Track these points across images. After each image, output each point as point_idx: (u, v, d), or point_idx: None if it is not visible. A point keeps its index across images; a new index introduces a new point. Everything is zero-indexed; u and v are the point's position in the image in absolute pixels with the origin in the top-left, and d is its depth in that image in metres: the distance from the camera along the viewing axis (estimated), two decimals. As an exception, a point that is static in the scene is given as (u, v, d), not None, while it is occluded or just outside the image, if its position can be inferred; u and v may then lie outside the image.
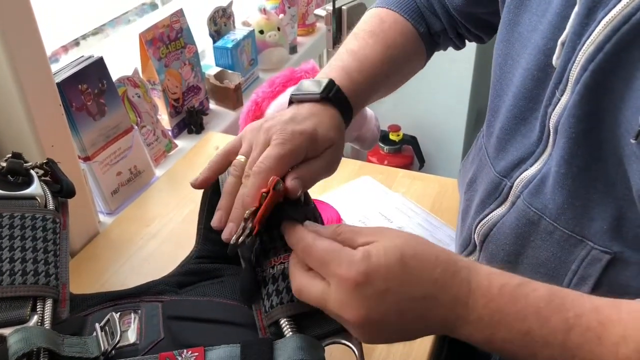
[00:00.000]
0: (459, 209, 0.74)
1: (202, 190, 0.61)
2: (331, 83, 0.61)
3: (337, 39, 1.45)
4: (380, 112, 1.35)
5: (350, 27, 1.46)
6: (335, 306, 0.43)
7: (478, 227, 0.62)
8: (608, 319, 0.41)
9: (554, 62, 0.51)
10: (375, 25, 0.70)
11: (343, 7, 1.40)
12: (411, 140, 2.17)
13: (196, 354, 0.45)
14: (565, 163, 0.50)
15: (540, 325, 0.42)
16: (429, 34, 0.73)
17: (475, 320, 0.43)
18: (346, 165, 1.10)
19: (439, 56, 0.75)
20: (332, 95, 0.60)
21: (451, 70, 1.95)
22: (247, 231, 0.49)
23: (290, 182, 0.52)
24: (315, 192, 0.96)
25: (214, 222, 0.53)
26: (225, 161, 0.58)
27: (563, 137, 0.50)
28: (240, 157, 0.56)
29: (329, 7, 1.41)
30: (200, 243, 0.60)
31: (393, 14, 0.72)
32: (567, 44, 0.49)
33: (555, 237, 0.54)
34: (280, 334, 0.47)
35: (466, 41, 0.77)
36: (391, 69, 0.69)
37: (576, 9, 0.48)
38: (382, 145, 2.16)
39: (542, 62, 0.53)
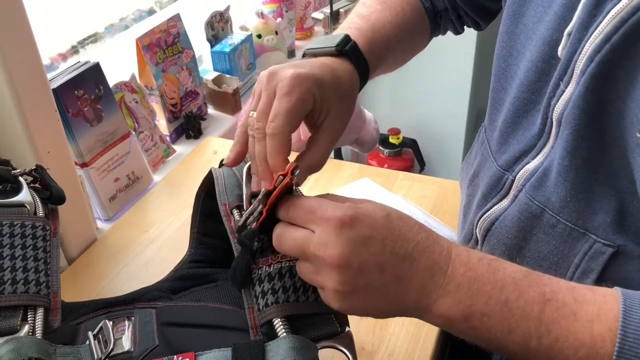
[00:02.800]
0: (461, 205, 0.73)
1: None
2: (347, 37, 0.60)
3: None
4: (380, 115, 1.34)
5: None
6: (315, 247, 0.43)
7: (480, 221, 0.62)
8: (583, 297, 0.42)
9: (559, 53, 0.50)
10: None
11: (341, 10, 1.40)
12: (411, 143, 2.16)
13: (187, 359, 0.44)
14: (568, 155, 0.50)
15: (517, 296, 0.42)
16: (433, 11, 0.73)
17: (454, 290, 0.43)
18: (345, 167, 1.09)
19: (438, 58, 0.75)
20: (348, 48, 0.59)
21: (450, 72, 1.95)
22: (256, 213, 0.48)
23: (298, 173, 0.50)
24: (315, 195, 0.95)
25: (254, 187, 0.53)
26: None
27: (567, 129, 0.50)
28: (252, 114, 0.53)
29: (327, 10, 1.41)
30: (194, 247, 0.59)
31: None
32: (573, 34, 0.48)
33: (558, 231, 0.53)
34: (272, 335, 0.45)
35: (465, 27, 0.77)
36: (401, 34, 0.68)
37: None
38: (382, 149, 2.15)
39: (546, 53, 0.53)
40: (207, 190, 0.58)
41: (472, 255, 0.44)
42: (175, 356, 0.44)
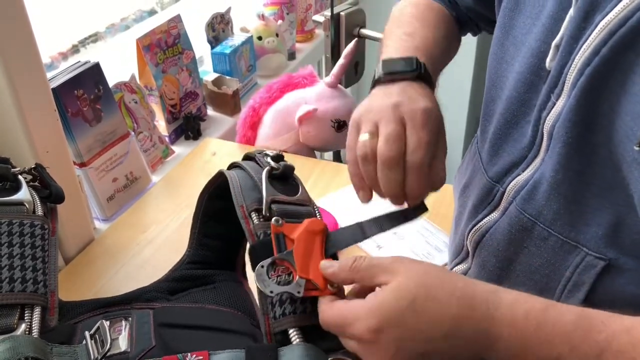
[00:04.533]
0: (453, 215, 0.73)
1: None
2: (418, 60, 0.60)
3: (335, 45, 1.45)
4: (379, 118, 1.35)
5: (349, 33, 1.46)
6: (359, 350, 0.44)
7: (470, 233, 0.62)
8: None
9: (547, 65, 0.50)
10: (415, 11, 0.70)
11: (342, 13, 1.40)
12: (410, 147, 2.16)
13: (200, 357, 0.44)
14: (561, 168, 0.50)
15: (570, 350, 0.41)
16: (458, 20, 0.73)
17: (503, 348, 0.42)
18: (344, 171, 1.09)
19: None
20: (424, 72, 0.59)
21: (450, 77, 1.94)
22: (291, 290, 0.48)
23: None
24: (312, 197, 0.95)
25: (364, 199, 0.56)
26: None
27: (559, 142, 0.49)
28: (365, 135, 0.54)
29: (328, 13, 1.41)
30: (194, 248, 0.59)
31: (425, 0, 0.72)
32: (562, 47, 0.48)
33: (550, 243, 0.53)
34: (285, 342, 0.46)
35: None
36: (443, 49, 0.69)
37: (571, 12, 0.47)
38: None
39: (535, 65, 0.53)
40: (211, 192, 0.58)
41: (517, 313, 0.43)
42: (189, 354, 0.45)
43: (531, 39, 0.53)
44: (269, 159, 0.56)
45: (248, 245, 0.50)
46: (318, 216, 0.54)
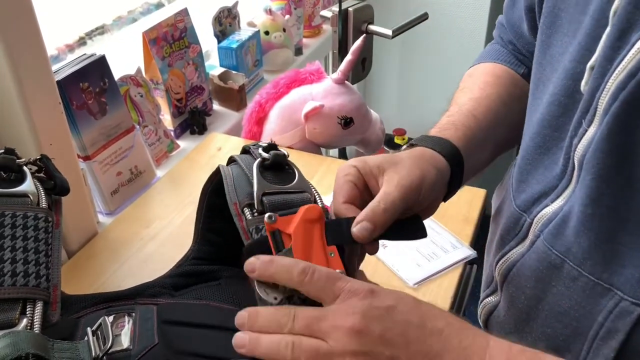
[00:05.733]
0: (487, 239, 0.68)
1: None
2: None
3: (343, 41, 1.44)
4: (386, 116, 1.33)
5: (357, 28, 1.45)
6: (334, 317, 0.41)
7: (498, 264, 0.58)
8: None
9: (582, 88, 0.46)
10: (473, 93, 0.67)
11: (350, 9, 1.39)
12: (416, 145, 2.16)
13: None
14: (592, 202, 0.45)
15: None
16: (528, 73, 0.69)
17: None
18: (350, 168, 1.08)
19: (446, 60, 0.74)
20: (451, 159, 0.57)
21: (458, 74, 1.94)
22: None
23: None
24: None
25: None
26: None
27: (589, 173, 0.45)
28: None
29: (335, 8, 1.40)
30: (198, 243, 0.58)
31: (498, 67, 0.69)
32: (596, 69, 0.44)
33: (580, 284, 0.48)
34: None
35: None
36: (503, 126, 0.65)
37: (607, 30, 0.43)
38: (387, 149, 2.14)
39: (569, 87, 0.49)
40: (213, 186, 0.57)
41: (513, 346, 0.41)
42: None
43: (566, 59, 0.49)
44: (260, 150, 0.54)
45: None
46: (318, 201, 0.52)
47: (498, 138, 0.64)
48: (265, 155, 0.54)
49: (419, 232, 0.51)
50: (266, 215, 0.46)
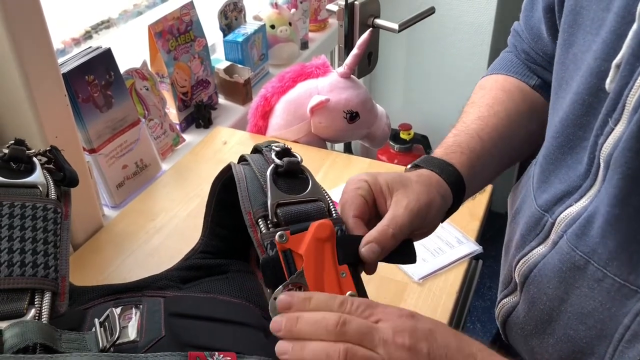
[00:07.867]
0: (504, 240, 0.67)
1: (209, 185, 0.59)
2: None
3: (349, 35, 1.43)
4: (392, 111, 1.33)
5: (363, 22, 1.44)
6: (384, 333, 0.42)
7: (518, 265, 0.57)
8: None
9: (607, 87, 0.45)
10: (483, 108, 0.68)
11: (356, 3, 1.38)
12: (422, 140, 2.15)
13: (228, 358, 0.44)
14: (619, 203, 0.44)
15: None
16: (542, 83, 0.69)
17: None
18: (355, 162, 1.08)
19: (452, 54, 0.73)
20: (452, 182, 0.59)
21: (464, 69, 1.93)
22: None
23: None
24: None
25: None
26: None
27: (617, 173, 0.44)
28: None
29: (342, 2, 1.39)
30: (207, 237, 0.58)
31: (508, 79, 0.69)
32: (623, 66, 0.43)
33: (605, 286, 0.47)
34: None
35: None
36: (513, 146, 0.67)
37: (635, 26, 0.42)
38: (393, 144, 2.13)
39: (594, 85, 0.48)
40: (224, 181, 0.57)
41: None
42: (216, 353, 0.44)
43: (590, 56, 0.48)
44: (273, 155, 0.54)
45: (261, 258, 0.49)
46: (332, 209, 0.52)
47: (503, 159, 0.66)
48: (278, 162, 0.53)
49: (410, 257, 0.53)
50: (277, 234, 0.47)
